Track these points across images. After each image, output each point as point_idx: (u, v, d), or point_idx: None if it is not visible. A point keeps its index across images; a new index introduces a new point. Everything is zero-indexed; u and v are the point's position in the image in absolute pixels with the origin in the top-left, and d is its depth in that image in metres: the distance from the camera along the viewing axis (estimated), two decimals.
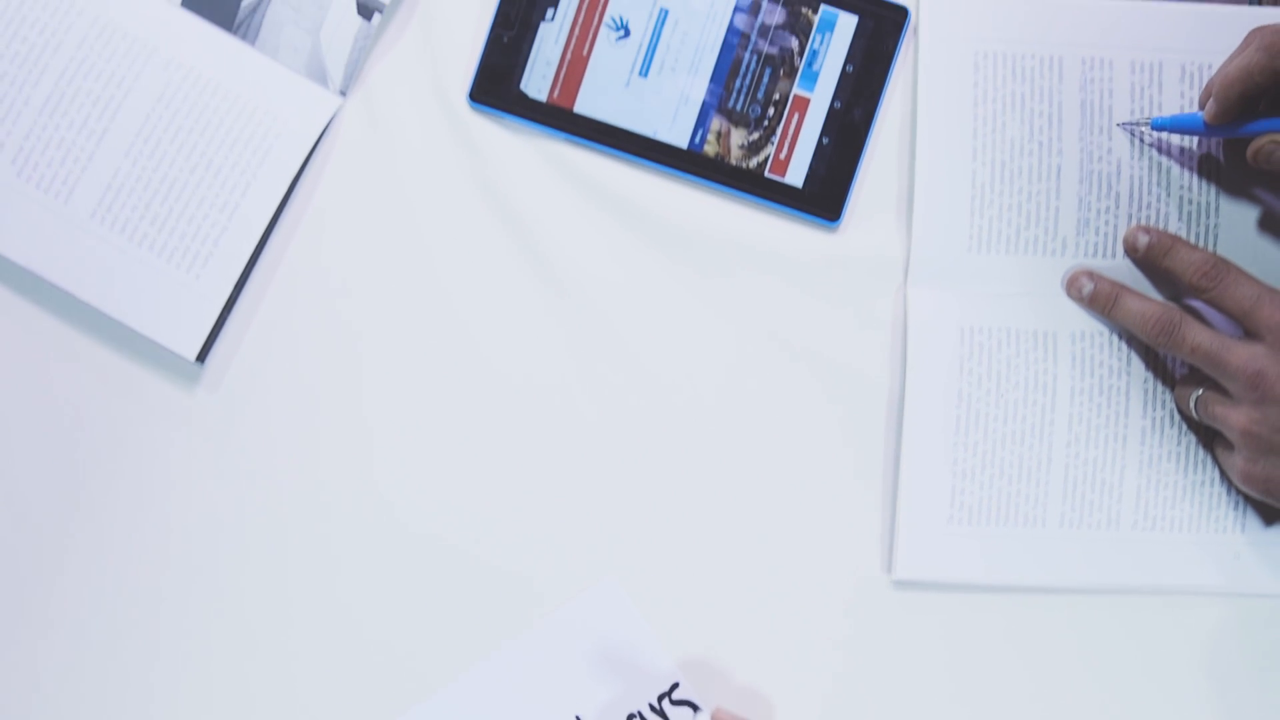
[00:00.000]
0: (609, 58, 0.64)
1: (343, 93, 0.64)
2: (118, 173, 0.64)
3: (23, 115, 0.64)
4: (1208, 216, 0.65)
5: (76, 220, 0.64)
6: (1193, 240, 0.64)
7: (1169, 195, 0.64)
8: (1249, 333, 0.61)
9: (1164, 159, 0.64)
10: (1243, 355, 0.60)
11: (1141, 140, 0.64)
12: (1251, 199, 0.65)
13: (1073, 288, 0.64)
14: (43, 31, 0.64)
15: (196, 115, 0.64)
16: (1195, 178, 0.64)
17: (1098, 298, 0.64)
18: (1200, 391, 0.62)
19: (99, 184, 0.64)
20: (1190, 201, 0.64)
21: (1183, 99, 0.65)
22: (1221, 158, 0.64)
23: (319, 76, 0.64)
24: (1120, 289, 0.63)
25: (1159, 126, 0.63)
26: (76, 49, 0.64)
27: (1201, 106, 0.62)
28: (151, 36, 0.64)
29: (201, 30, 0.64)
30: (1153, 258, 0.63)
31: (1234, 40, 0.64)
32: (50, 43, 0.64)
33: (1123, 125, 0.64)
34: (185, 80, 0.64)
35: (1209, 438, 0.64)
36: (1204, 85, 0.64)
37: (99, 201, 0.64)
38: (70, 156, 0.64)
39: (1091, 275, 0.64)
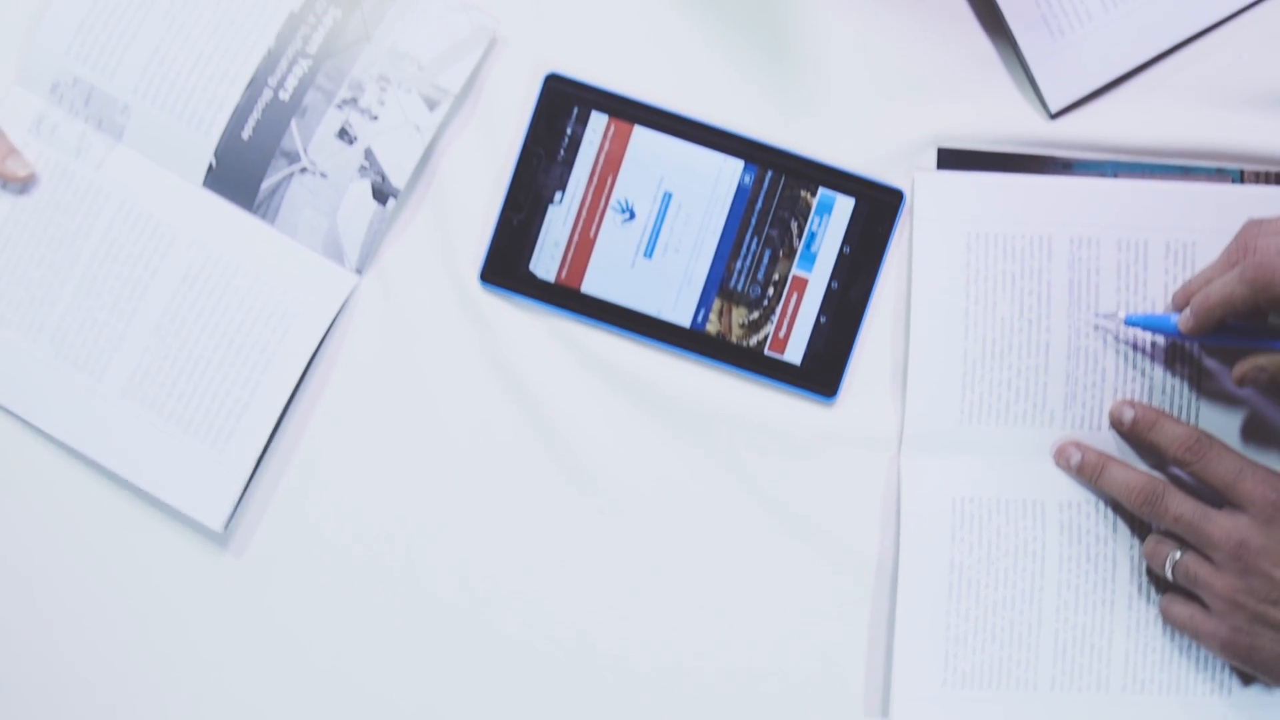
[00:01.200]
0: (615, 239, 0.67)
1: (359, 271, 0.67)
2: (146, 351, 0.67)
3: (59, 298, 0.67)
4: (1189, 389, 0.67)
5: (109, 398, 0.67)
6: (1175, 412, 0.67)
7: (1152, 369, 0.67)
8: (1232, 504, 0.63)
9: (1146, 337, 0.67)
10: (1226, 525, 0.63)
11: (1120, 340, 0.66)
12: (1226, 357, 0.67)
13: (1061, 457, 0.67)
14: (74, 216, 0.67)
15: (219, 294, 0.67)
16: (1176, 356, 0.67)
17: (1085, 468, 0.66)
18: (1179, 555, 0.64)
19: (129, 363, 0.67)
20: (1172, 376, 0.67)
21: (1167, 275, 0.67)
22: (1197, 345, 0.66)
23: (336, 255, 0.67)
24: (1106, 459, 0.66)
25: (1132, 323, 0.66)
26: (106, 232, 0.67)
27: (1177, 306, 0.65)
28: (175, 218, 0.67)
29: (223, 210, 0.67)
30: (1138, 432, 0.66)
31: (1217, 219, 0.67)
32: (81, 228, 0.67)
33: (1098, 324, 0.67)
34: (208, 260, 0.67)
35: (1172, 599, 0.66)
36: (1183, 281, 0.66)
37: (129, 379, 0.67)
38: (102, 336, 0.67)
39: (1079, 446, 0.66)
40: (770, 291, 0.67)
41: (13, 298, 0.67)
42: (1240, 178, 0.68)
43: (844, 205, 0.67)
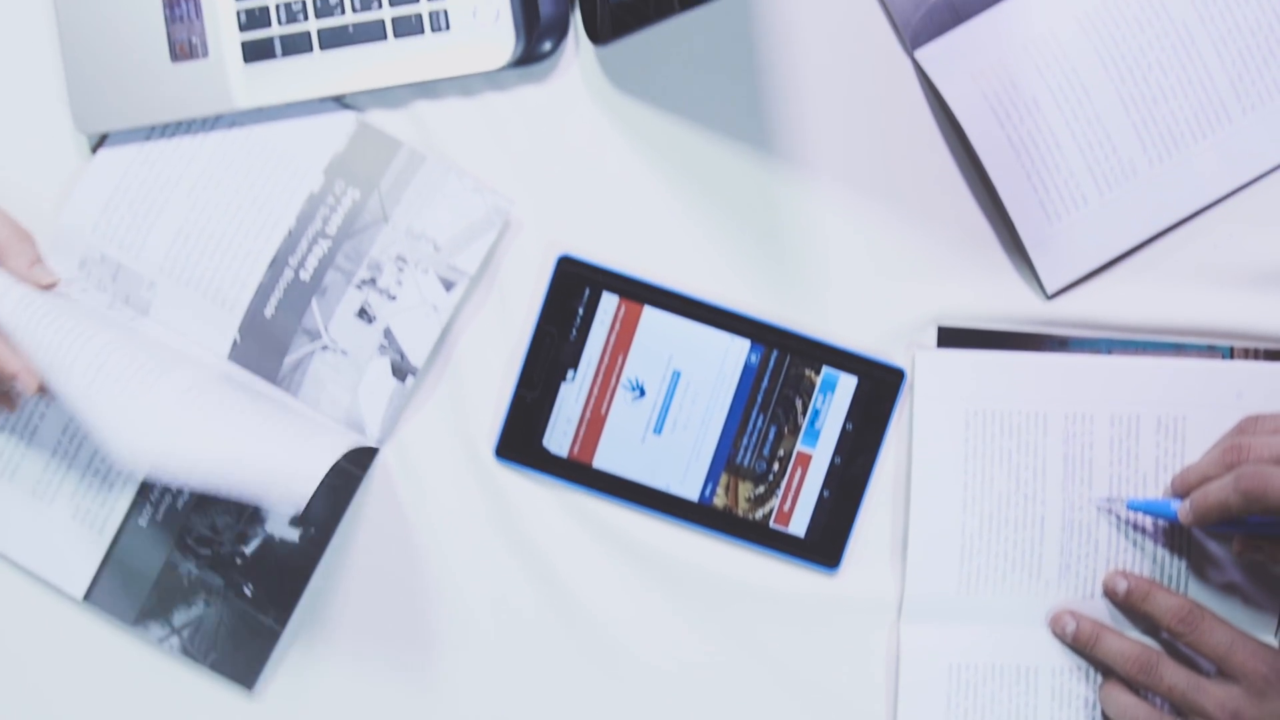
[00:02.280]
0: (625, 416, 0.69)
1: (379, 443, 0.70)
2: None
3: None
4: (1179, 560, 0.69)
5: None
6: (1166, 581, 0.69)
7: (1144, 540, 0.69)
8: (1224, 675, 0.66)
9: (1141, 514, 0.69)
10: (1219, 696, 0.65)
11: (1117, 517, 0.69)
12: (1222, 543, 0.69)
13: (1056, 625, 0.69)
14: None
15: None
16: (1167, 530, 0.69)
17: (1080, 637, 0.69)
18: None
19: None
20: (1163, 547, 0.69)
21: (1158, 449, 0.69)
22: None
23: (357, 428, 0.69)
24: (1101, 628, 0.68)
25: (1134, 508, 0.68)
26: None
27: (1175, 492, 0.67)
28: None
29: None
30: (1132, 602, 0.68)
31: (1208, 394, 0.69)
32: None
33: (1100, 505, 0.69)
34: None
35: None
36: (1178, 458, 0.69)
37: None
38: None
39: (1074, 615, 0.69)
40: (776, 467, 0.69)
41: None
42: (1230, 354, 0.70)
43: (847, 383, 0.69)
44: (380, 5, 0.68)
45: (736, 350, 0.69)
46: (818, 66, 0.70)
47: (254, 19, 0.68)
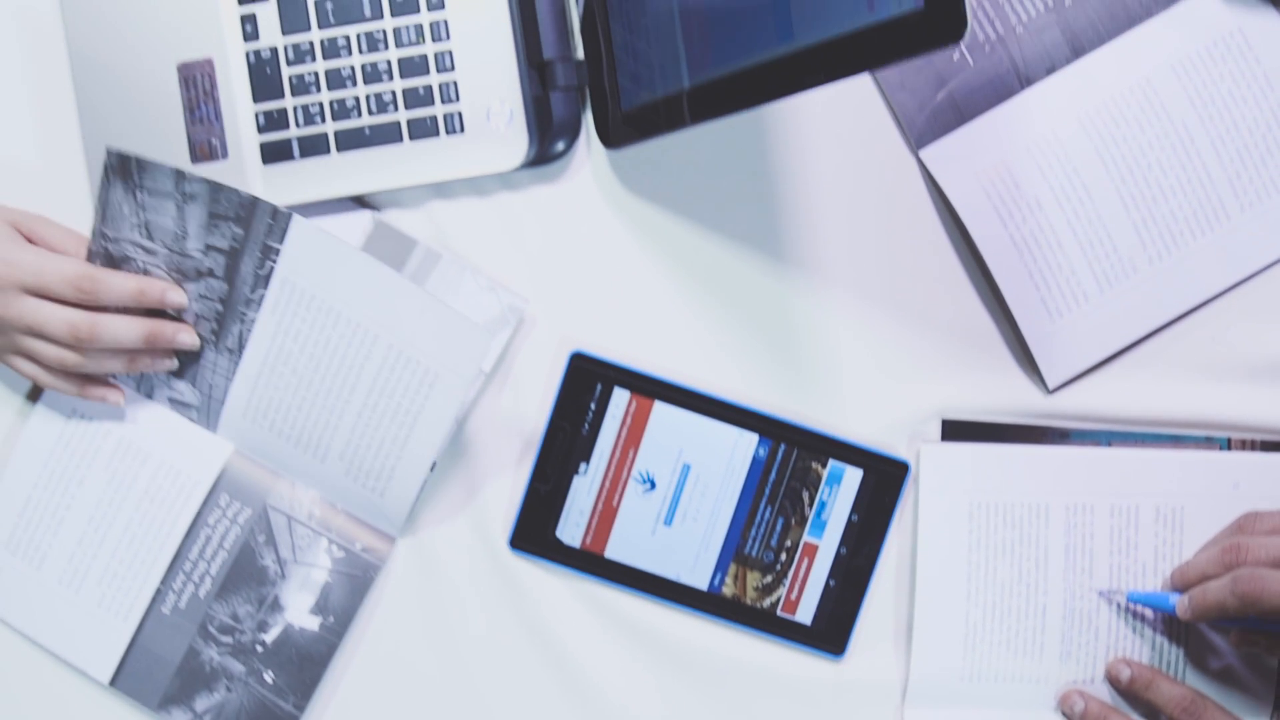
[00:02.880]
0: (637, 508, 0.71)
1: (397, 533, 0.71)
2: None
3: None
4: (1178, 648, 0.71)
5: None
6: (1165, 668, 0.71)
7: (1143, 628, 0.71)
8: None
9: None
10: None
11: (1118, 606, 0.71)
12: (1220, 633, 0.71)
13: (1065, 704, 0.71)
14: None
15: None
16: (1167, 620, 0.71)
17: (1089, 716, 0.70)
18: None
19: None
20: (1162, 635, 0.71)
21: (1157, 538, 0.71)
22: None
23: (379, 518, 0.71)
24: (1109, 709, 0.70)
25: (1134, 600, 0.70)
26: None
27: (1174, 586, 0.69)
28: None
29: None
30: (1135, 690, 0.70)
31: (1205, 484, 0.71)
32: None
33: (1101, 595, 0.71)
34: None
35: None
36: (1177, 550, 0.70)
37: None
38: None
39: (1083, 695, 0.70)
40: (783, 557, 0.71)
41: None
42: (1228, 445, 0.72)
43: (853, 476, 0.71)
44: (396, 108, 0.69)
45: (745, 444, 0.70)
46: (825, 163, 0.71)
47: (272, 121, 0.70)
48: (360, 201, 0.71)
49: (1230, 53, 0.71)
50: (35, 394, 0.72)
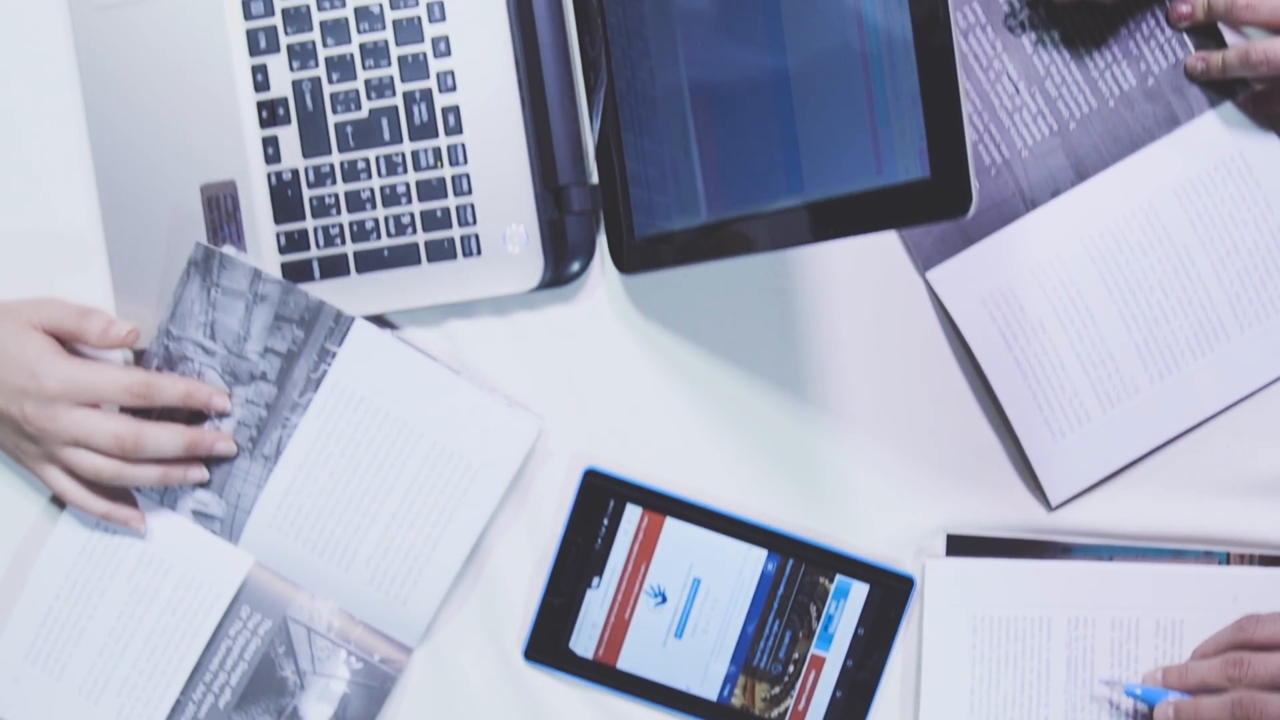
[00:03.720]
0: (648, 621, 0.72)
1: (413, 645, 0.73)
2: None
3: None
4: None
5: None
6: None
7: None
8: None
9: (1135, 704, 0.72)
10: None
11: (1119, 709, 0.72)
12: None
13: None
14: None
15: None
16: None
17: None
18: None
19: None
20: None
21: (1157, 650, 0.73)
22: None
23: (397, 629, 0.73)
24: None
25: (1130, 694, 0.71)
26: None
27: (1170, 685, 0.70)
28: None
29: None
30: None
31: (1204, 598, 0.72)
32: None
33: (1103, 682, 0.72)
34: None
35: None
36: (1177, 664, 0.72)
37: None
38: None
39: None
40: (791, 669, 0.72)
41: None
42: (1227, 559, 0.73)
43: (859, 591, 0.72)
44: (414, 230, 0.71)
45: (754, 559, 0.72)
46: (833, 284, 0.73)
47: (293, 242, 0.71)
48: (379, 319, 0.72)
49: (1231, 176, 0.72)
50: (61, 501, 0.73)
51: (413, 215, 0.71)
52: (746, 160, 0.63)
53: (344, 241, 0.71)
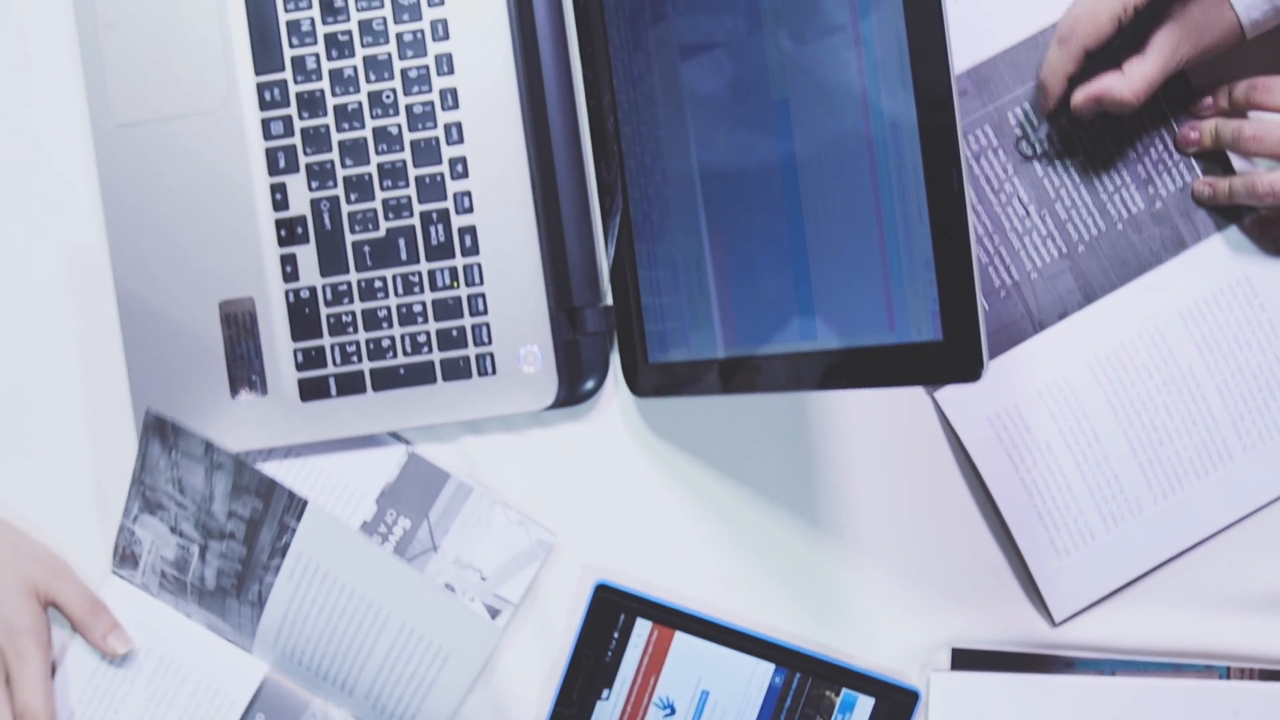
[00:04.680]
0: None
1: None
2: None
3: None
4: None
5: None
6: None
7: None
8: None
9: None
10: None
11: None
12: None
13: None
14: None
15: None
16: None
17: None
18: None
19: None
20: None
21: None
22: None
23: None
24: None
25: None
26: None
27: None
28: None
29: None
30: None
31: (1205, 713, 0.74)
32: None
33: None
34: None
35: None
36: None
37: None
38: None
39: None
40: None
41: None
42: (1227, 674, 0.74)
43: (865, 704, 0.73)
44: (430, 349, 0.72)
45: (762, 673, 0.73)
46: (842, 403, 0.74)
47: (311, 359, 0.72)
48: (395, 434, 0.73)
49: (1236, 300, 0.73)
50: None
51: (429, 334, 0.72)
52: (760, 301, 0.64)
53: (361, 359, 0.72)
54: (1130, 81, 0.67)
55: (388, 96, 0.72)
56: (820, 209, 0.61)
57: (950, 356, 0.54)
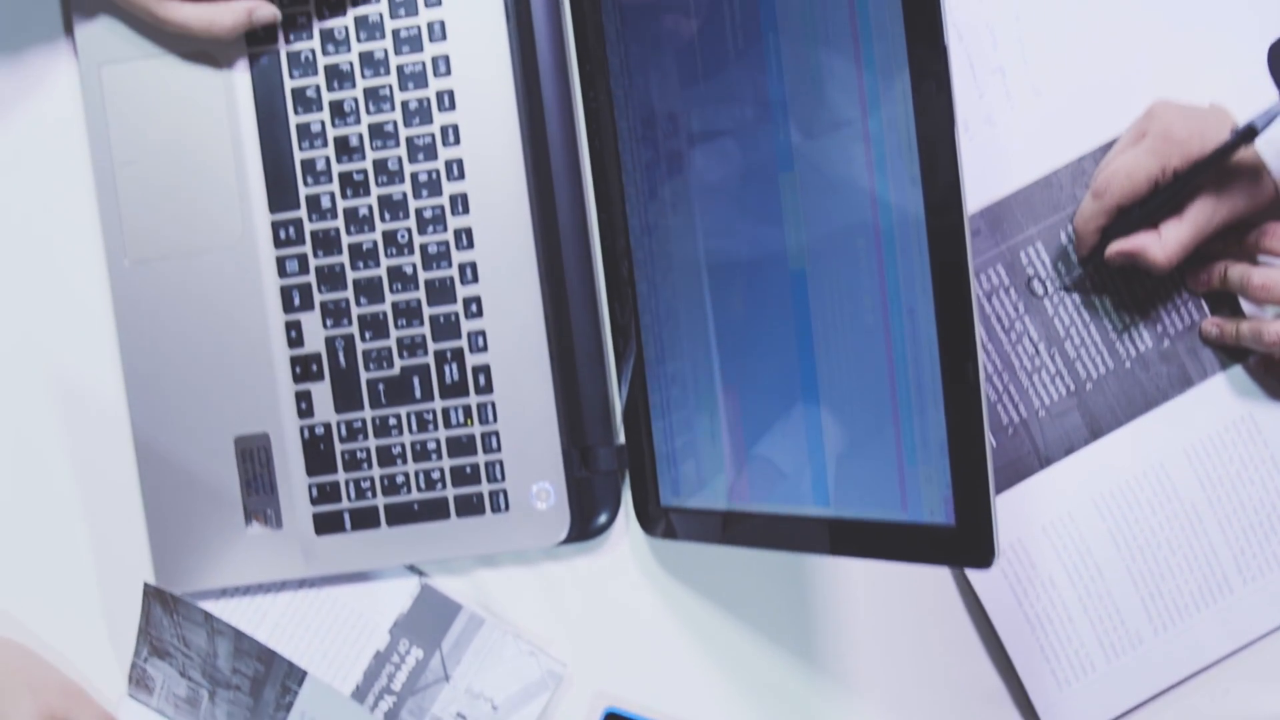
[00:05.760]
0: None
1: None
2: None
3: None
4: None
5: None
6: None
7: None
8: None
9: None
10: None
11: None
12: None
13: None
14: None
15: None
16: None
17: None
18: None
19: None
20: None
21: None
22: None
23: None
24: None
25: None
26: None
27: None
28: None
29: None
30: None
31: None
32: None
33: None
34: None
35: None
36: None
37: None
38: None
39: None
40: None
41: None
42: None
43: None
44: (444, 486, 0.73)
45: None
46: None
47: (325, 494, 0.73)
48: (409, 566, 0.74)
49: (1241, 437, 0.74)
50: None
51: (442, 470, 0.73)
52: (773, 458, 0.65)
53: (375, 495, 0.73)
54: (1165, 246, 0.68)
55: (402, 236, 0.72)
56: (835, 381, 0.61)
57: (963, 543, 0.55)
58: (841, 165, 0.58)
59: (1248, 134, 0.64)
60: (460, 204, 0.72)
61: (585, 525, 0.73)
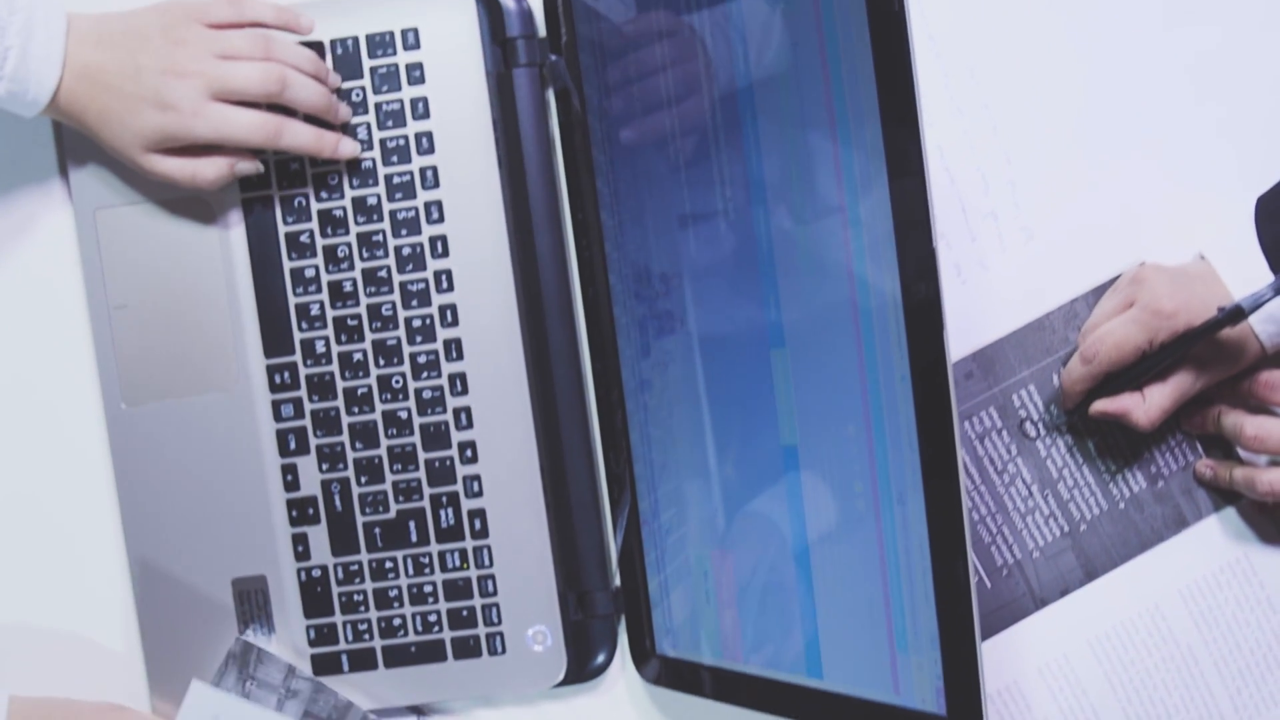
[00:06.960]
0: None
1: None
2: None
3: None
4: None
5: None
6: None
7: None
8: None
9: None
10: None
11: None
12: None
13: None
14: None
15: None
16: None
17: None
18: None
19: None
20: None
21: None
22: None
23: None
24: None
25: None
26: None
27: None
28: None
29: None
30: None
31: None
32: None
33: None
34: None
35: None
36: None
37: None
38: None
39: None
40: None
41: None
42: None
43: None
44: (440, 629, 0.73)
45: None
46: None
47: (323, 636, 0.73)
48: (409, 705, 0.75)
49: (1235, 578, 0.74)
50: None
51: (439, 613, 0.73)
52: (767, 625, 0.65)
53: (372, 637, 0.73)
54: (1149, 410, 0.68)
55: (397, 381, 0.72)
56: (829, 559, 0.61)
57: None
58: (832, 350, 0.59)
59: (1235, 315, 0.64)
60: (455, 349, 0.72)
61: (582, 667, 0.73)
